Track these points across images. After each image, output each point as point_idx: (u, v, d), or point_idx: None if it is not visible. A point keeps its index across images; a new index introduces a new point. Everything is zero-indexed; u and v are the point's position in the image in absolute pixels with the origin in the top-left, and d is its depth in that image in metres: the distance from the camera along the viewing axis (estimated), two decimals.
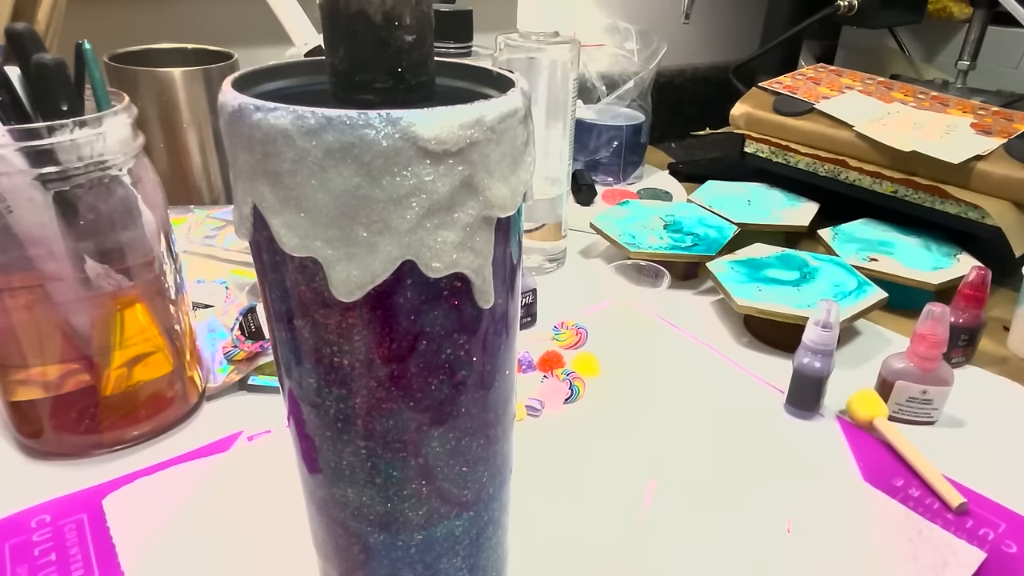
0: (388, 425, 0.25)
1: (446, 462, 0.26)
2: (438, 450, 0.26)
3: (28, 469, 0.44)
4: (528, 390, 0.52)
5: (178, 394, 0.48)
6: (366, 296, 0.22)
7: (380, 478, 0.26)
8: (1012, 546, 0.42)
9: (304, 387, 0.25)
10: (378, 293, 0.22)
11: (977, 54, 0.95)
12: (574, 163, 0.85)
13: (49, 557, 0.38)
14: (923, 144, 0.68)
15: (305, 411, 0.26)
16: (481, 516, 0.29)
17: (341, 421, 0.25)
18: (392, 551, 0.28)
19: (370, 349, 0.23)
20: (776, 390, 0.54)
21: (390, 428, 0.25)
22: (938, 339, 0.48)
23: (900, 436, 0.48)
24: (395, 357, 0.23)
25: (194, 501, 0.42)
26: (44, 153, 0.37)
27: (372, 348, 0.23)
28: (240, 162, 0.22)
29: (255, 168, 0.21)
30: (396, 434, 0.25)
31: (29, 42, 0.39)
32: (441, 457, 0.26)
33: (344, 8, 0.21)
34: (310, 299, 0.23)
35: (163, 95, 0.65)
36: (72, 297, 0.41)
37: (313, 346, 0.24)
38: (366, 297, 0.22)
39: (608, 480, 0.45)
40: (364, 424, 0.25)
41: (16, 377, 0.43)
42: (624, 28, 0.98)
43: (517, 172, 0.23)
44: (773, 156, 0.81)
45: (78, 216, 0.39)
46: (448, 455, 0.26)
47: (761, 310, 0.56)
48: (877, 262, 0.65)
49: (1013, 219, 0.65)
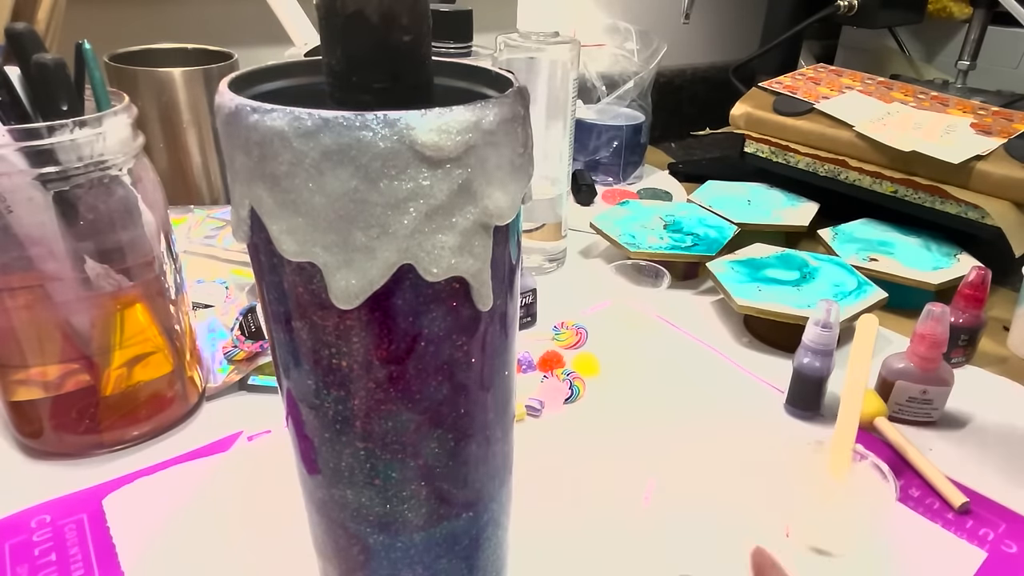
0: (387, 426, 0.25)
1: (445, 463, 0.26)
2: (437, 451, 0.26)
3: (28, 469, 0.44)
4: (528, 390, 0.52)
5: (178, 394, 0.48)
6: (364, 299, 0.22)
7: (379, 479, 0.26)
8: (1012, 546, 0.42)
9: (303, 388, 0.25)
10: (376, 296, 0.22)
11: (977, 54, 0.95)
12: (574, 163, 0.85)
13: (49, 557, 0.38)
14: (923, 144, 0.68)
15: (304, 412, 0.26)
16: (481, 516, 0.29)
17: (340, 422, 0.25)
18: (392, 552, 0.28)
19: (368, 351, 0.23)
20: (776, 390, 0.54)
21: (389, 429, 0.25)
22: (938, 339, 0.48)
23: (900, 436, 0.48)
24: (394, 359, 0.23)
25: (194, 501, 0.42)
26: (44, 153, 0.37)
27: (370, 350, 0.23)
28: (237, 164, 0.22)
29: (252, 171, 0.21)
30: (395, 435, 0.25)
31: (29, 42, 0.39)
32: (440, 458, 0.26)
33: (341, 8, 0.21)
34: (308, 301, 0.23)
35: (163, 95, 0.65)
36: (72, 297, 0.41)
37: (311, 348, 0.24)
38: (364, 300, 0.22)
39: (608, 480, 0.45)
40: (363, 425, 0.25)
41: (16, 377, 0.43)
42: (624, 28, 0.98)
43: (516, 178, 0.23)
44: (773, 156, 0.81)
45: (78, 216, 0.39)
46: (447, 456, 0.26)
47: (761, 310, 0.56)
48: (877, 262, 0.65)
49: (1013, 219, 0.65)
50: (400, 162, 0.20)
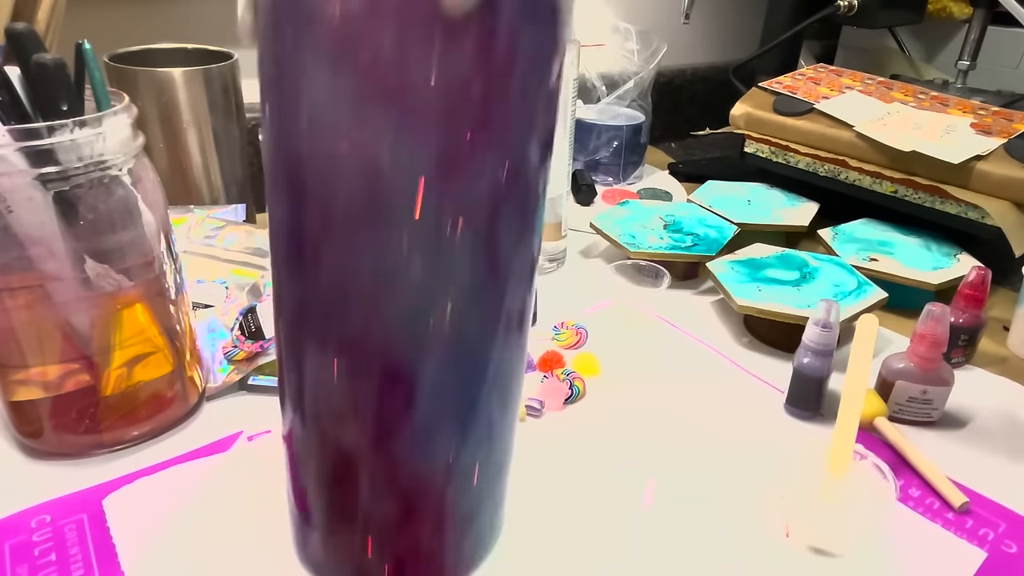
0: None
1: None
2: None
3: (28, 469, 0.44)
4: (528, 390, 0.52)
5: (178, 394, 0.48)
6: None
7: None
8: (1012, 546, 0.42)
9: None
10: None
11: (977, 54, 0.95)
12: (574, 163, 0.85)
13: (49, 557, 0.38)
14: (923, 144, 0.68)
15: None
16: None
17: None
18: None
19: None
20: (776, 390, 0.54)
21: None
22: (938, 339, 0.48)
23: (900, 436, 0.48)
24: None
25: (194, 501, 0.42)
26: (44, 153, 0.37)
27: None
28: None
29: None
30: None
31: (29, 42, 0.39)
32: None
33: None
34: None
35: (163, 95, 0.65)
36: (72, 297, 0.41)
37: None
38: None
39: (608, 480, 0.45)
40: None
41: (16, 377, 0.43)
42: (624, 28, 0.98)
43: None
44: (773, 156, 0.81)
45: (78, 216, 0.39)
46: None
47: (761, 310, 0.56)
48: (877, 262, 0.65)
49: (1013, 219, 0.65)
50: None
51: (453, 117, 0.23)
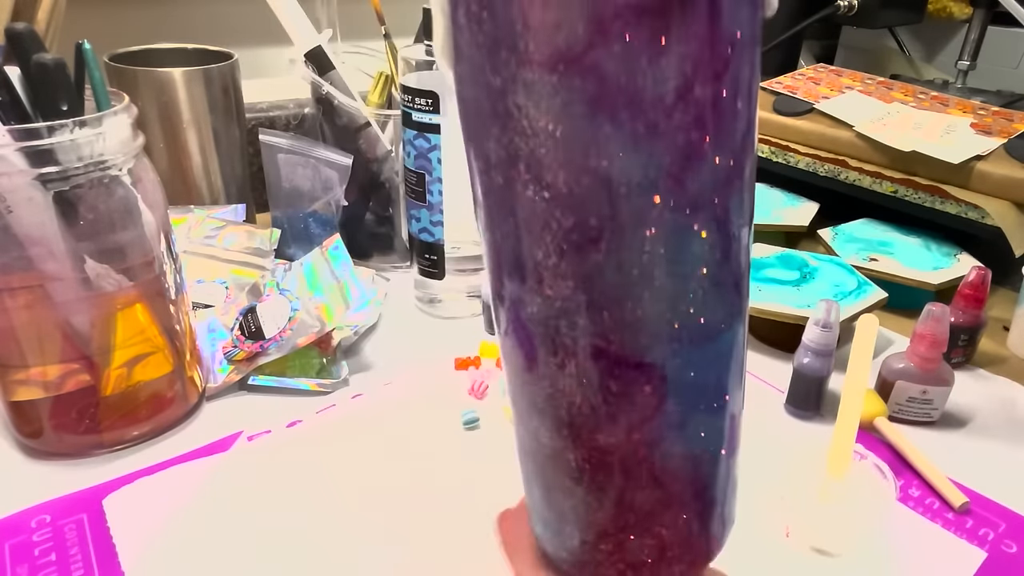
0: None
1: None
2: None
3: (28, 469, 0.44)
4: None
5: (178, 394, 0.48)
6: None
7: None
8: (1012, 546, 0.42)
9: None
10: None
11: (977, 54, 0.95)
12: None
13: (49, 557, 0.38)
14: (923, 144, 0.68)
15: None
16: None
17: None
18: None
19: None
20: (776, 390, 0.54)
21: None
22: (938, 339, 0.48)
23: (900, 436, 0.48)
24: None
25: (194, 501, 0.42)
26: (44, 153, 0.37)
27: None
28: None
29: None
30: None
31: (29, 42, 0.39)
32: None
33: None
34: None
35: (163, 95, 0.65)
36: (72, 297, 0.41)
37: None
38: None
39: None
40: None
41: (16, 377, 0.43)
42: None
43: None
44: (773, 156, 0.81)
45: (78, 216, 0.39)
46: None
47: (761, 310, 0.56)
48: (877, 262, 0.65)
49: (1013, 219, 0.65)
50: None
51: (691, 121, 0.23)
